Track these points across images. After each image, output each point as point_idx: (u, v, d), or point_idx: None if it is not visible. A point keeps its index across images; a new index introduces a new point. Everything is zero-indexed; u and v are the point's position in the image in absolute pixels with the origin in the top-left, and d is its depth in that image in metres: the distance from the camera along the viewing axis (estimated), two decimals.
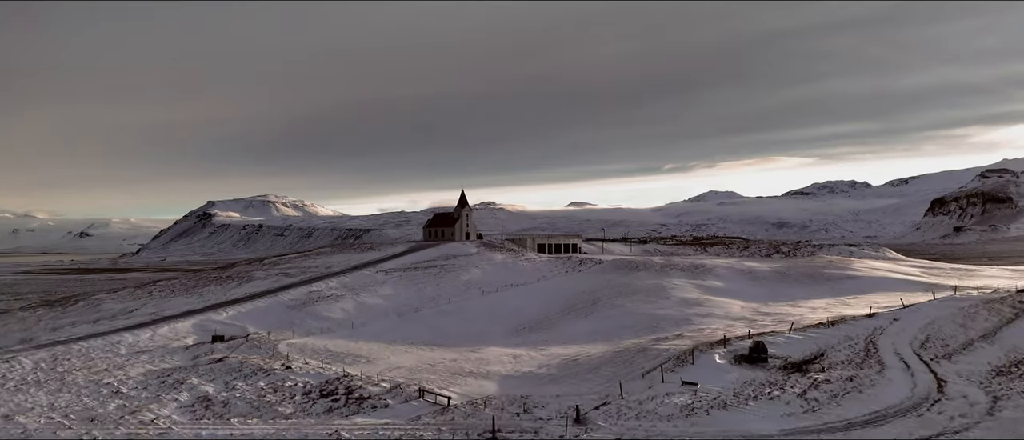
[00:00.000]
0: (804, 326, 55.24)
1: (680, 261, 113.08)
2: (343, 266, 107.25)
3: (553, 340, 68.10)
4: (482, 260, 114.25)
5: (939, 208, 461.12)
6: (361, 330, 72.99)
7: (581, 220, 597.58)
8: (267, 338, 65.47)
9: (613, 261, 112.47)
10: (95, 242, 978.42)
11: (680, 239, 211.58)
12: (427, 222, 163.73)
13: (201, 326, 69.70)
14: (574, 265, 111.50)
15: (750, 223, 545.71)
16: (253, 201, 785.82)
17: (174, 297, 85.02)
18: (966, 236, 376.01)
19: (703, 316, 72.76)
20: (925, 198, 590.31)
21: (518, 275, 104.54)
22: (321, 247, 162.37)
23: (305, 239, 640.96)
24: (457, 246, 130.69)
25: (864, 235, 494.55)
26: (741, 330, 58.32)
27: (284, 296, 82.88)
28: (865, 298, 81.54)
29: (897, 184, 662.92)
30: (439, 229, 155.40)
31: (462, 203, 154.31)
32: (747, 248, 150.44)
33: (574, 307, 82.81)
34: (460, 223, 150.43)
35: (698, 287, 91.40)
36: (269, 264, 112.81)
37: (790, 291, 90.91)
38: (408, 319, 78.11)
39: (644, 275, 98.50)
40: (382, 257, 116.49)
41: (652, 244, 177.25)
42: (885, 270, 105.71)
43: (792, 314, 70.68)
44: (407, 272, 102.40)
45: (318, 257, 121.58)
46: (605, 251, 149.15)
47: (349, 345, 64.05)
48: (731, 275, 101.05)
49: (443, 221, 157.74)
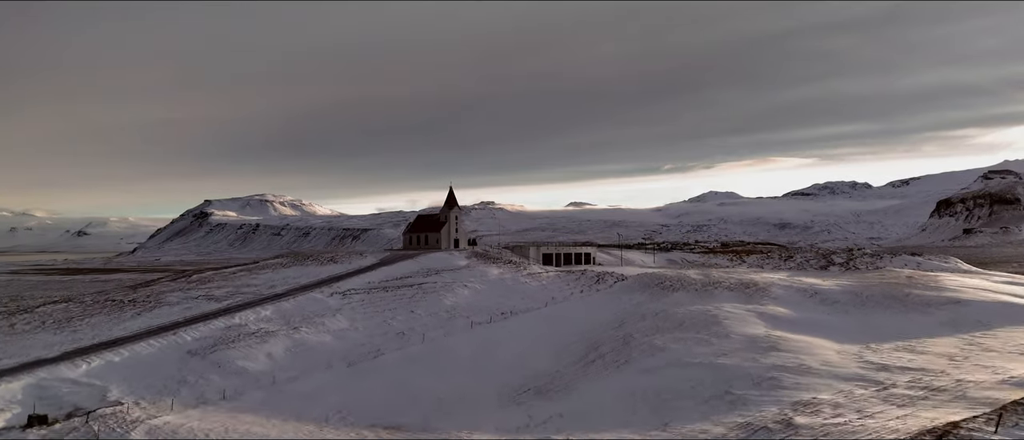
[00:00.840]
0: None
1: (722, 276, 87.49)
2: (290, 285, 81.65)
3: (573, 415, 42.59)
4: (473, 276, 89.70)
5: (945, 210, 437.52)
6: (286, 391, 47.50)
7: (581, 220, 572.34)
8: (126, 414, 40.03)
9: (638, 276, 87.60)
10: (93, 241, 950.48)
11: (707, 245, 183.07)
12: (408, 226, 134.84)
13: (35, 390, 44.03)
14: (590, 282, 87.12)
15: (751, 224, 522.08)
16: (250, 200, 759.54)
17: (39, 332, 59.09)
18: (977, 238, 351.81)
19: (793, 371, 47.07)
20: (927, 199, 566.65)
21: (519, 297, 79.76)
22: (270, 258, 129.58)
23: (302, 239, 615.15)
24: (443, 257, 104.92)
25: (867, 236, 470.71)
26: (880, 411, 32.93)
27: (189, 333, 56.62)
28: (1003, 336, 56.54)
29: (898, 185, 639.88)
30: (422, 235, 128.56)
31: (450, 203, 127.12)
32: (791, 257, 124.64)
33: (598, 349, 57.16)
34: (447, 227, 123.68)
35: (760, 316, 65.64)
36: (197, 280, 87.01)
37: (884, 323, 65.36)
38: (362, 371, 52.33)
39: (683, 297, 73.37)
40: (346, 272, 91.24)
41: (677, 251, 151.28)
42: (988, 289, 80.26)
43: (931, 370, 45.39)
44: (373, 294, 76.62)
45: (262, 272, 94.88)
46: (624, 262, 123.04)
47: (254, 426, 38.75)
48: (794, 297, 75.44)
49: (427, 225, 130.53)
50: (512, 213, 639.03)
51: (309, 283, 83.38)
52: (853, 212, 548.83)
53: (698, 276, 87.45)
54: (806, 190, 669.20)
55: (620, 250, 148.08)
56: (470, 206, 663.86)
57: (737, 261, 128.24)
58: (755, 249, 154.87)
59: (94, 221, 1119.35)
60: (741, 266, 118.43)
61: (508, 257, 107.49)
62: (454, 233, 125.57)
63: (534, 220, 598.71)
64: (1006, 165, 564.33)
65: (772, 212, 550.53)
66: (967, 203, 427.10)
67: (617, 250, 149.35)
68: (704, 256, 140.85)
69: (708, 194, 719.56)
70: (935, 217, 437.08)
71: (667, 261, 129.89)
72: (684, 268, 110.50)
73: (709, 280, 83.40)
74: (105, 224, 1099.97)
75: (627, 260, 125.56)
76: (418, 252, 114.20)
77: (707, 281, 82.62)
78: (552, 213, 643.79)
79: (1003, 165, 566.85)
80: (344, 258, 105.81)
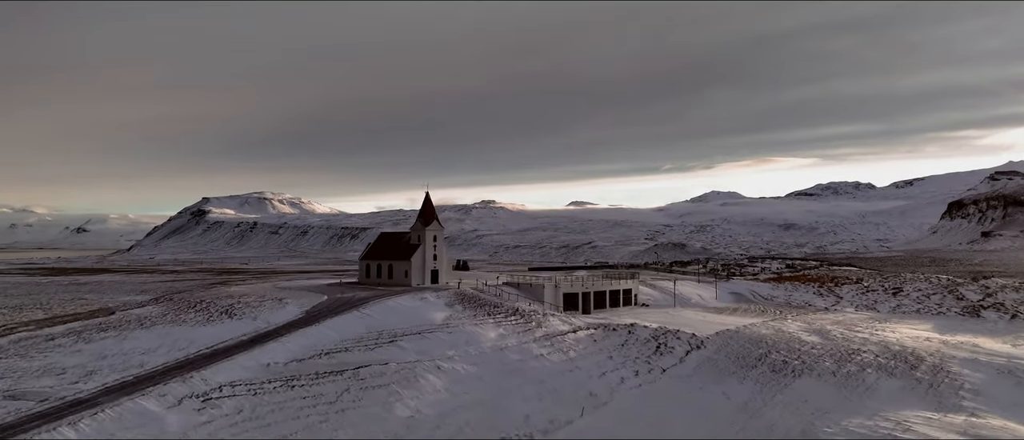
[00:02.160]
0: None
1: (849, 338, 62.29)
2: (120, 374, 46.56)
3: None
4: (455, 343, 57.78)
5: (957, 211, 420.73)
6: None
7: (583, 220, 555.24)
8: None
9: (719, 339, 61.11)
10: (92, 238, 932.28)
11: (773, 269, 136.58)
12: (367, 249, 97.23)
13: None
14: (644, 351, 58.70)
15: (755, 224, 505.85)
16: (249, 198, 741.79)
17: None
18: (996, 242, 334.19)
19: None
20: (932, 200, 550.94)
21: (533, 394, 48.82)
22: (137, 305, 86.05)
23: (300, 237, 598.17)
24: (410, 304, 68.45)
25: (874, 238, 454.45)
26: None
27: None
28: None
29: (902, 185, 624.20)
30: (385, 264, 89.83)
31: (427, 216, 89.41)
32: (900, 290, 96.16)
33: None
34: (421, 253, 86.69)
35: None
36: None
37: None
38: None
39: (816, 391, 48.05)
40: (238, 339, 56.22)
41: (739, 279, 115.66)
42: None
43: None
44: (264, 396, 42.89)
45: (102, 337, 55.77)
46: (678, 300, 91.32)
47: None
48: (1010, 393, 49.31)
49: (392, 248, 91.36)
50: (513, 212, 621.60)
51: (154, 370, 47.40)
52: (858, 213, 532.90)
53: (815, 338, 62.12)
54: (809, 190, 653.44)
55: (674, 276, 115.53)
56: (471, 204, 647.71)
57: (828, 294, 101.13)
58: (838, 276, 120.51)
59: (94, 218, 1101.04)
60: (839, 304, 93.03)
61: (511, 302, 74.44)
62: (431, 261, 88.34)
63: (535, 219, 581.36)
64: (1012, 166, 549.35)
65: (776, 212, 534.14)
66: (980, 205, 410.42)
67: (669, 275, 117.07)
68: (777, 285, 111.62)
69: (710, 194, 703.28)
70: (946, 219, 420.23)
71: (732, 295, 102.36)
72: (764, 309, 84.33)
73: (840, 349, 57.52)
74: (105, 221, 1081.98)
75: (681, 297, 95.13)
76: (375, 292, 76.58)
77: (838, 351, 56.89)
78: (553, 212, 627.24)
79: (1009, 166, 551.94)
80: (249, 309, 65.95)
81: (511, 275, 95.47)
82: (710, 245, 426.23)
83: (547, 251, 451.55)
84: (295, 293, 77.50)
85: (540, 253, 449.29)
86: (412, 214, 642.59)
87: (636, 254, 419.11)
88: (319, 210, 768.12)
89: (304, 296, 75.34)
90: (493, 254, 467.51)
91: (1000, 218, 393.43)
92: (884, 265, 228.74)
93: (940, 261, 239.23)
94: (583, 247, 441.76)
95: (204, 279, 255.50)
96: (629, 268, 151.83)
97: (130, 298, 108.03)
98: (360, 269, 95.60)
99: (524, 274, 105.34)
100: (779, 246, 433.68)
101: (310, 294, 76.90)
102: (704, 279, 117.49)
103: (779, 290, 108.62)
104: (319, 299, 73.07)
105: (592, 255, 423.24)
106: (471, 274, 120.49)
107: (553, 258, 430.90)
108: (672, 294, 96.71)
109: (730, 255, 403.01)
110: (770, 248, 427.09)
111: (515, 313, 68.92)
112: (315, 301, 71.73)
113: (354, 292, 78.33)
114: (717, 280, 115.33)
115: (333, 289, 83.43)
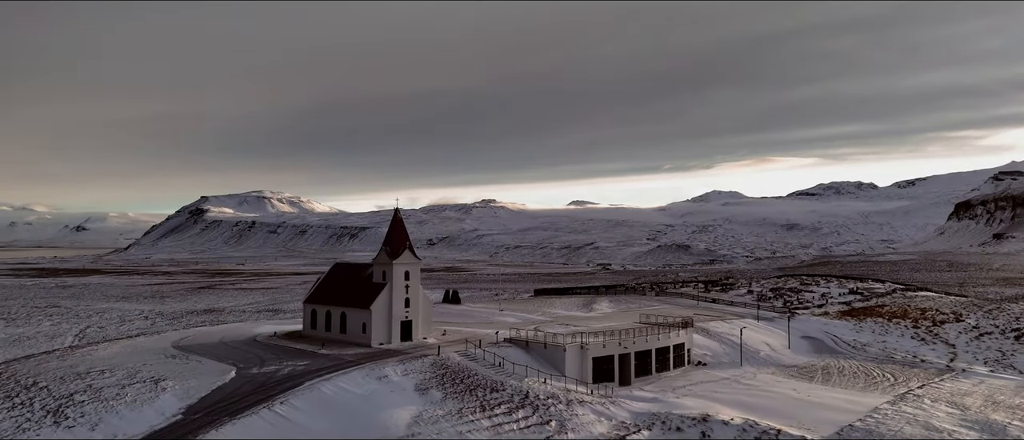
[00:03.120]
0: None
1: None
2: None
3: None
4: None
5: (964, 212, 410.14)
6: None
7: (584, 219, 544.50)
8: None
9: None
10: (92, 236, 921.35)
11: (863, 300, 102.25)
12: (314, 287, 69.67)
13: None
14: None
15: (757, 224, 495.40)
16: (247, 197, 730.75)
17: None
18: (1010, 244, 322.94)
19: None
20: (936, 201, 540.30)
21: None
22: None
23: (298, 237, 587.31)
24: (360, 389, 45.01)
25: (878, 238, 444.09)
26: None
27: None
28: None
29: (904, 185, 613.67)
30: (337, 312, 63.64)
31: (396, 243, 63.26)
32: None
33: None
34: (388, 296, 61.30)
35: None
36: None
37: None
38: None
39: None
40: None
41: (808, 313, 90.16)
42: None
43: None
44: None
45: None
46: (748, 355, 67.51)
47: None
48: None
49: (349, 288, 64.80)
50: (514, 212, 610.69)
51: None
52: (861, 213, 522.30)
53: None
54: (811, 190, 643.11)
55: (701, 302, 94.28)
56: (471, 204, 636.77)
57: (933, 340, 77.12)
58: (926, 309, 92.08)
59: (93, 216, 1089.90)
60: (958, 357, 71.48)
61: (517, 378, 49.87)
62: (401, 309, 61.83)
63: (536, 219, 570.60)
64: (1015, 166, 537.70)
65: (778, 212, 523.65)
66: (988, 206, 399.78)
67: (694, 303, 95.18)
68: (858, 324, 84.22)
69: (711, 194, 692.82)
70: (954, 220, 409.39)
71: (808, 342, 77.74)
72: (866, 369, 63.62)
73: None
74: (104, 219, 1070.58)
75: (747, 349, 70.05)
76: (315, 360, 53.04)
77: None
78: (554, 212, 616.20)
79: (1012, 166, 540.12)
80: (97, 402, 41.46)
81: (517, 328, 66.59)
82: (714, 246, 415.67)
83: (548, 252, 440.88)
84: (191, 363, 52.55)
85: (541, 254, 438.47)
86: (412, 214, 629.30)
87: (639, 256, 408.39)
88: (318, 209, 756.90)
89: (202, 369, 50.10)
90: (493, 255, 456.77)
91: (1009, 219, 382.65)
92: (900, 269, 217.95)
93: (957, 265, 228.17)
94: (585, 248, 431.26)
95: (195, 282, 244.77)
96: (654, 285, 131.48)
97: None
98: (304, 315, 67.66)
99: (534, 322, 76.64)
100: (783, 247, 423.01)
101: (211, 366, 51.28)
102: (762, 313, 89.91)
103: (864, 332, 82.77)
104: (222, 377, 47.36)
105: (594, 256, 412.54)
106: (463, 311, 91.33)
107: (554, 259, 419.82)
108: (729, 340, 72.78)
109: (734, 255, 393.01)
110: (774, 249, 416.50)
111: (524, 403, 45.21)
112: (213, 382, 45.95)
113: (281, 361, 52.71)
114: (779, 316, 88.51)
115: (255, 351, 57.70)
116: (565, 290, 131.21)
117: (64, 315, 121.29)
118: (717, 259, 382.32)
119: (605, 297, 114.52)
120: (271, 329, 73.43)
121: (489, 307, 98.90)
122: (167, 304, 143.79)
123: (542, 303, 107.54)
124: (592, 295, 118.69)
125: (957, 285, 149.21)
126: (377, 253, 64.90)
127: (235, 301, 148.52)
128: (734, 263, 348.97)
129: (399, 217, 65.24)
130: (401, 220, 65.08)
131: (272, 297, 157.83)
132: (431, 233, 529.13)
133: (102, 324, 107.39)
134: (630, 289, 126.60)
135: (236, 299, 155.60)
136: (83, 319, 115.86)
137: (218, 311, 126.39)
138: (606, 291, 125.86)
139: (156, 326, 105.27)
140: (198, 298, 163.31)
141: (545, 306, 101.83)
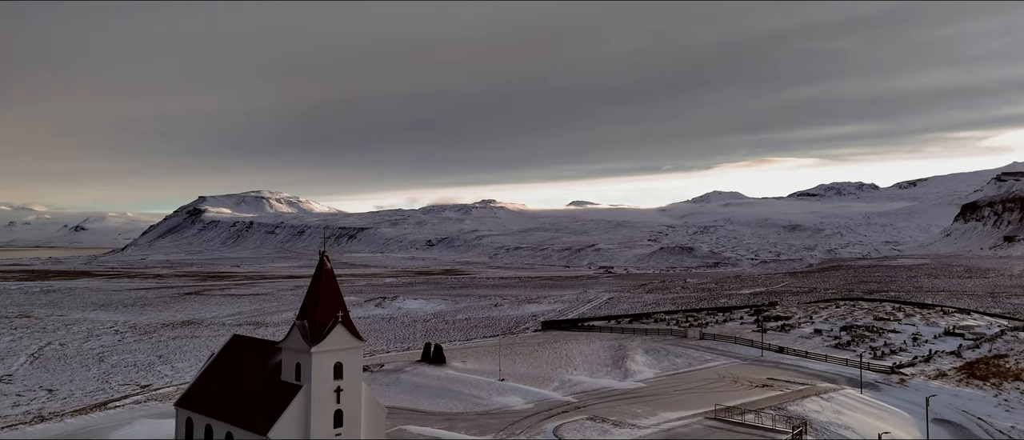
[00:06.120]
0: None
1: None
2: None
3: None
4: None
5: (970, 214, 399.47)
6: None
7: (585, 220, 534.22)
8: None
9: None
10: (90, 236, 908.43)
11: (975, 347, 77.21)
12: (195, 381, 38.85)
13: None
14: None
15: (759, 225, 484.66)
16: (246, 197, 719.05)
17: None
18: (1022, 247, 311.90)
19: None
20: (938, 201, 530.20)
21: None
22: None
23: (297, 237, 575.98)
24: None
25: (882, 240, 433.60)
26: None
27: None
28: None
29: (906, 186, 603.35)
30: (222, 431, 34.54)
31: (321, 312, 33.94)
32: None
33: None
34: (304, 403, 32.58)
35: None
36: None
37: None
38: None
39: None
40: None
41: (921, 369, 67.74)
42: None
43: None
44: None
45: None
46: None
47: None
48: None
49: (243, 387, 35.82)
50: (514, 212, 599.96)
51: None
52: (863, 214, 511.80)
53: None
54: (812, 190, 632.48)
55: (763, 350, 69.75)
56: (471, 204, 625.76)
57: None
58: None
59: (92, 216, 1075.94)
60: None
61: None
62: (328, 428, 33.33)
63: (536, 219, 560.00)
64: (1018, 167, 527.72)
65: (779, 213, 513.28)
66: (995, 207, 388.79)
67: (783, 369, 65.11)
68: (996, 394, 61.42)
69: (712, 194, 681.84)
70: (960, 221, 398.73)
71: (943, 427, 55.07)
72: None
73: None
74: (103, 219, 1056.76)
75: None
76: None
77: None
78: (554, 212, 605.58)
79: (1014, 167, 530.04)
80: None
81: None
82: (716, 247, 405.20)
83: (549, 253, 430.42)
84: None
85: (542, 256, 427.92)
86: (412, 214, 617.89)
87: (641, 258, 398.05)
88: (317, 209, 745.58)
89: None
90: (493, 256, 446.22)
91: (1017, 221, 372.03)
92: (917, 274, 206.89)
93: (975, 270, 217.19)
94: (586, 250, 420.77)
95: (184, 286, 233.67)
96: (690, 318, 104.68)
97: None
98: (177, 425, 38.63)
99: (550, 402, 52.33)
100: (787, 249, 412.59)
101: None
102: (861, 374, 64.91)
103: (1015, 406, 60.30)
104: None
105: (596, 258, 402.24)
106: (446, 384, 59.03)
107: (556, 261, 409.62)
108: (839, 435, 47.96)
109: (739, 257, 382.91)
110: (778, 251, 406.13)
111: None
112: None
113: None
114: (882, 378, 66.03)
115: None
116: (581, 323, 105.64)
117: (30, 328, 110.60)
118: (721, 262, 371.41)
119: (636, 340, 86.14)
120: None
121: (484, 367, 67.15)
122: (146, 314, 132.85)
123: (556, 353, 76.95)
124: (618, 335, 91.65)
125: (988, 295, 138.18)
126: (288, 331, 35.18)
127: (218, 311, 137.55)
128: (739, 266, 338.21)
129: (328, 267, 35.95)
130: (331, 272, 36.06)
131: (258, 306, 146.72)
132: (430, 234, 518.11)
133: (64, 341, 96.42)
134: (663, 330, 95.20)
135: (220, 308, 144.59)
136: (49, 333, 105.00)
137: (196, 323, 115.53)
138: (632, 326, 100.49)
139: (124, 342, 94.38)
140: (181, 306, 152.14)
141: (562, 360, 72.98)
